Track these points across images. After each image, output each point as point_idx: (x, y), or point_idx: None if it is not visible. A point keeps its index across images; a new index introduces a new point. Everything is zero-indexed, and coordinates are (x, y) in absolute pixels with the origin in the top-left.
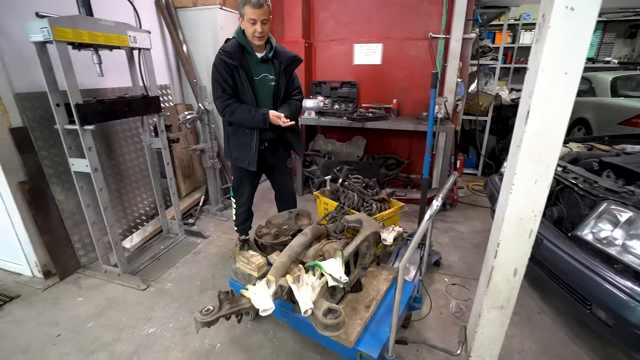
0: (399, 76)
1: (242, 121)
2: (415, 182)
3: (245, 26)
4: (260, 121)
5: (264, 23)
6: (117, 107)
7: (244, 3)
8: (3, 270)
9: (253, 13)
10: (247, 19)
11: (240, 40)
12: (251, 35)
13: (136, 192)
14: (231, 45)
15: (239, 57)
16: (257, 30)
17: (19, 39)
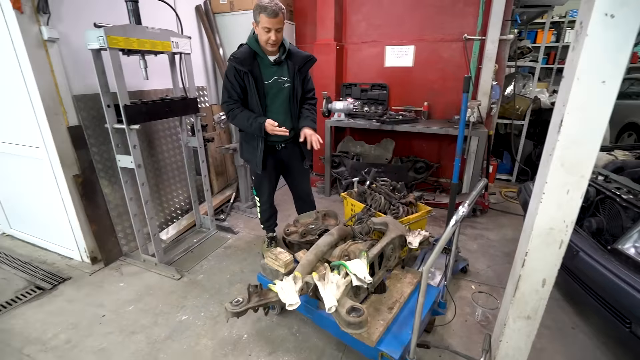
0: (430, 78)
1: (242, 127)
2: (444, 187)
3: (259, 32)
4: (256, 129)
5: (277, 31)
6: (159, 108)
7: (260, 11)
8: (57, 254)
9: (268, 22)
10: (262, 27)
11: (252, 45)
12: (265, 42)
13: (173, 187)
14: (242, 51)
15: (250, 62)
16: (271, 38)
17: (77, 46)
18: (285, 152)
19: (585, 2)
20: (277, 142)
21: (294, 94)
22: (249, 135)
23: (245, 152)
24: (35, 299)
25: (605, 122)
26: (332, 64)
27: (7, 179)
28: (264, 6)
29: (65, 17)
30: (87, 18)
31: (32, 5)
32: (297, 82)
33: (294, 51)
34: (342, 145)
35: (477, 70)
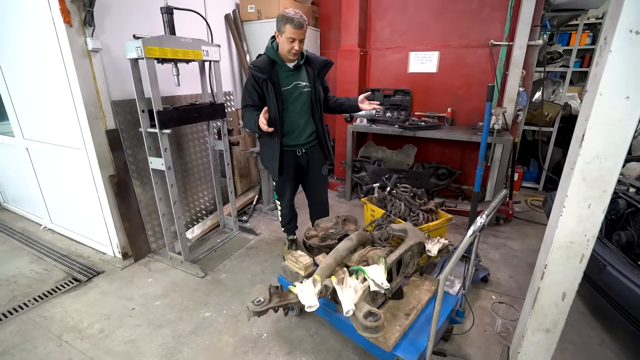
0: (455, 84)
1: (247, 126)
2: (467, 194)
3: (282, 42)
4: (253, 124)
5: (301, 42)
6: (189, 113)
7: (285, 22)
8: (92, 249)
9: (293, 32)
10: (287, 37)
11: (271, 55)
12: (287, 51)
13: (199, 188)
14: (261, 60)
15: (269, 70)
16: (294, 48)
17: (117, 56)
18: (304, 157)
19: (610, 18)
20: (297, 147)
21: (316, 97)
22: (266, 141)
23: (265, 159)
24: (72, 289)
25: (629, 138)
26: (355, 69)
27: (50, 177)
28: (290, 17)
29: (108, 29)
30: (127, 29)
31: (80, 19)
32: (317, 86)
33: (311, 57)
34: (364, 150)
35: (504, 76)
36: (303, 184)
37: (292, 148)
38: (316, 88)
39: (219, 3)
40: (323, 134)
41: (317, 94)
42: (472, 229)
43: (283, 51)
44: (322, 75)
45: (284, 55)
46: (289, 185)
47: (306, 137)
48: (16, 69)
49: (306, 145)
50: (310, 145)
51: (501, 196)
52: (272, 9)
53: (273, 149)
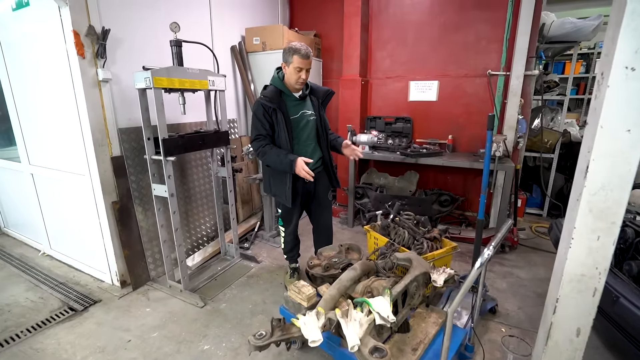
0: (455, 112)
1: (272, 164)
2: (470, 220)
3: (289, 72)
4: (287, 166)
5: (307, 71)
6: (194, 141)
7: (293, 53)
8: (90, 276)
9: (301, 62)
10: (294, 67)
11: (278, 85)
12: (295, 81)
13: (201, 214)
14: (269, 90)
15: (278, 100)
16: (301, 77)
17: (126, 85)
18: (312, 183)
19: (605, 54)
20: None
21: (322, 124)
22: (275, 171)
23: (273, 187)
24: (67, 319)
25: (633, 170)
26: (357, 98)
27: (53, 203)
28: (297, 48)
29: (119, 60)
30: (137, 60)
31: (92, 51)
32: (322, 114)
33: (314, 87)
34: (366, 177)
35: (503, 104)
36: (308, 210)
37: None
38: (321, 116)
39: (226, 35)
40: (329, 160)
41: (323, 121)
42: (480, 261)
43: (290, 81)
44: (325, 104)
45: (290, 84)
46: (296, 212)
47: (313, 163)
48: (28, 96)
49: (314, 171)
50: (317, 172)
51: (507, 226)
52: (277, 41)
53: (285, 177)
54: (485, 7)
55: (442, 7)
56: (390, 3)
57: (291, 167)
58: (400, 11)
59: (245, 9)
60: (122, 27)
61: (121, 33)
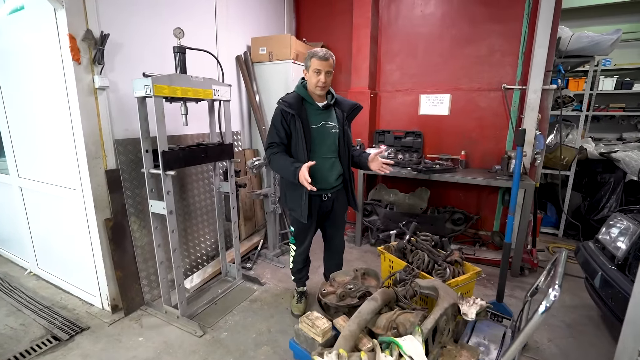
0: (467, 127)
1: (277, 170)
2: (484, 240)
3: (309, 77)
4: (290, 175)
5: (327, 74)
6: (196, 154)
7: (311, 56)
8: (79, 299)
9: (319, 64)
10: (313, 70)
11: (301, 92)
12: (314, 85)
13: (201, 232)
14: (291, 96)
15: (298, 107)
16: (320, 80)
17: (124, 93)
18: (330, 201)
19: None
20: (324, 192)
21: (345, 139)
22: (292, 184)
23: (290, 201)
24: (50, 351)
25: None
26: (365, 111)
27: (42, 218)
28: (315, 51)
29: (117, 67)
30: (138, 67)
31: (89, 57)
32: (346, 129)
33: (340, 99)
34: (374, 193)
35: (518, 119)
36: (322, 228)
37: (318, 192)
38: (344, 130)
39: (231, 45)
40: (349, 178)
41: (346, 136)
42: (545, 304)
43: (311, 86)
44: (351, 119)
45: (312, 91)
46: (311, 230)
47: (334, 180)
48: (20, 105)
49: (333, 189)
50: (337, 190)
51: (563, 258)
52: (284, 51)
53: (301, 191)
54: (499, 19)
55: (454, 19)
56: (400, 15)
57: (295, 175)
58: (410, 23)
59: (251, 18)
60: (122, 32)
61: (121, 38)
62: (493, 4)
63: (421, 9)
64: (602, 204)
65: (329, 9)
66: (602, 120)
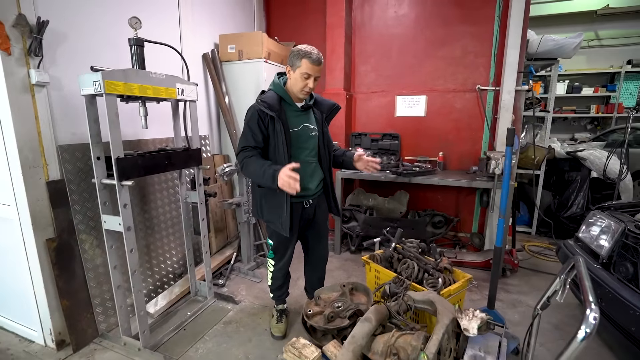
0: (444, 128)
1: (252, 176)
2: (463, 241)
3: (295, 78)
4: (268, 179)
5: (316, 79)
6: (158, 160)
7: (302, 56)
8: (15, 335)
9: (311, 68)
10: (302, 73)
11: (279, 91)
12: (300, 89)
13: (166, 248)
14: (269, 96)
15: (277, 108)
16: (308, 85)
17: (69, 91)
18: (312, 208)
19: None
20: (306, 198)
21: (325, 142)
22: (271, 191)
23: (267, 212)
24: None
25: None
26: (341, 113)
27: None
28: (308, 52)
29: (61, 60)
30: (86, 62)
31: (23, 47)
32: (325, 130)
33: (319, 99)
34: (353, 198)
35: (493, 120)
36: (304, 240)
37: (299, 199)
38: (324, 132)
39: (197, 42)
40: (330, 182)
41: (325, 138)
42: (585, 329)
43: (295, 88)
44: (329, 120)
45: (293, 93)
46: (292, 243)
47: (315, 186)
48: None
49: (314, 195)
50: (318, 195)
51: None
52: (255, 49)
53: (280, 200)
54: (471, 21)
55: (427, 21)
56: (374, 16)
57: (273, 179)
58: (384, 24)
59: (218, 14)
60: (67, 20)
61: (65, 27)
62: (465, 5)
63: (395, 9)
64: (571, 202)
65: (302, 7)
66: (556, 122)
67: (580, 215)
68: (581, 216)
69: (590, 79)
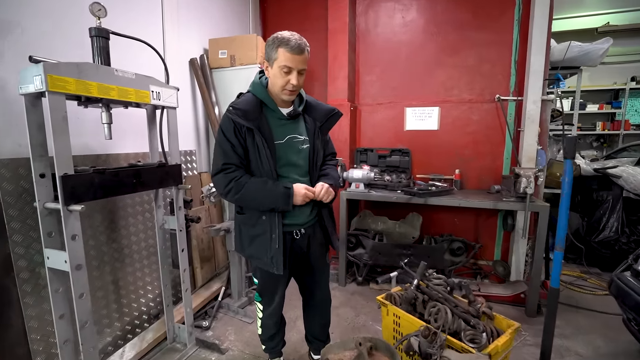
0: (460, 143)
1: (256, 202)
2: (485, 270)
3: (273, 75)
4: (280, 199)
5: (300, 73)
6: (124, 178)
7: (278, 45)
8: None
9: (290, 59)
10: (280, 66)
11: (258, 93)
12: (281, 87)
13: (139, 283)
14: (245, 101)
15: (255, 116)
16: (290, 82)
17: (15, 93)
18: (303, 239)
19: None
20: (296, 227)
21: (314, 158)
22: (252, 219)
23: (249, 246)
24: None
25: None
26: (345, 126)
27: None
28: (285, 39)
29: (7, 55)
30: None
31: None
32: (317, 143)
33: (313, 103)
34: (359, 222)
35: (516, 133)
36: (299, 277)
37: (289, 228)
38: (315, 146)
39: (183, 46)
40: (324, 206)
41: (316, 153)
42: None
43: (275, 88)
44: (326, 130)
45: (276, 94)
46: (282, 283)
47: (308, 212)
48: None
49: (307, 224)
50: (311, 224)
51: None
52: (249, 54)
53: (268, 230)
54: (488, 27)
55: (439, 26)
56: (379, 22)
57: (287, 198)
58: (390, 30)
59: (208, 18)
60: (15, 7)
61: (12, 14)
62: (480, 10)
63: (402, 15)
64: (603, 224)
65: (302, 14)
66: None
67: (614, 239)
68: (615, 240)
69: (594, 96)
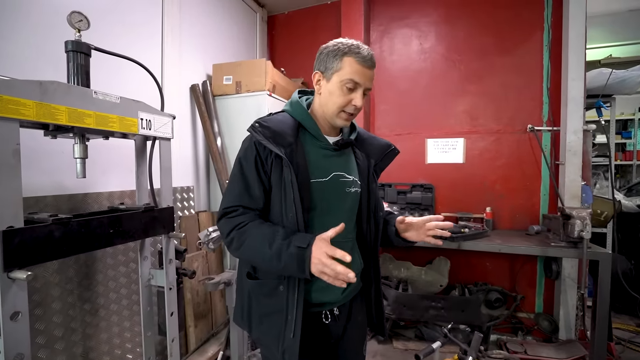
0: (489, 178)
1: (258, 262)
2: (527, 325)
3: (329, 91)
4: (289, 262)
5: (365, 94)
6: (96, 229)
7: (344, 52)
8: None
9: (359, 72)
10: (343, 80)
11: (298, 114)
12: (338, 108)
13: (116, 352)
14: (278, 119)
15: (289, 142)
16: (352, 103)
17: None
18: (336, 326)
19: None
20: (328, 306)
21: (368, 207)
22: (265, 287)
23: (257, 325)
24: None
25: None
26: None
27: None
28: (354, 46)
29: None
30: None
31: None
32: (373, 187)
33: (365, 134)
34: None
35: (555, 167)
36: None
37: (317, 308)
38: (370, 189)
39: (183, 72)
40: (375, 278)
41: (369, 201)
42: None
43: (328, 109)
44: (380, 171)
45: (325, 117)
46: None
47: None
48: None
49: (343, 300)
50: (348, 301)
51: None
52: (256, 80)
53: (284, 307)
54: (514, 52)
55: (461, 53)
56: (395, 49)
57: (302, 264)
58: (407, 58)
59: (212, 44)
60: None
61: None
62: (504, 34)
63: (420, 42)
64: None
65: (311, 39)
66: None
67: None
68: None
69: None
